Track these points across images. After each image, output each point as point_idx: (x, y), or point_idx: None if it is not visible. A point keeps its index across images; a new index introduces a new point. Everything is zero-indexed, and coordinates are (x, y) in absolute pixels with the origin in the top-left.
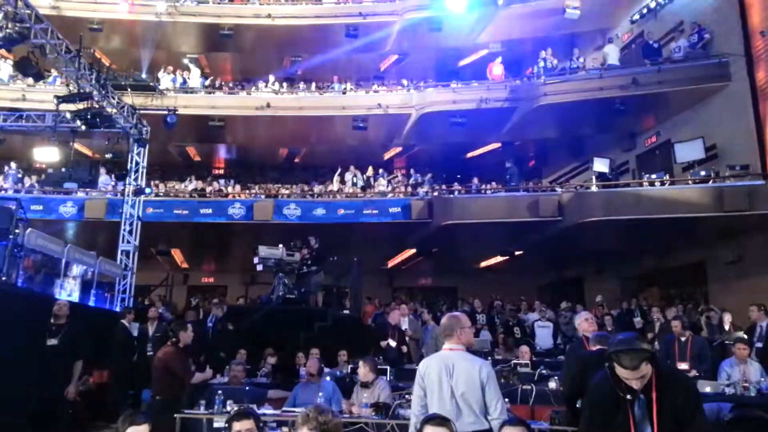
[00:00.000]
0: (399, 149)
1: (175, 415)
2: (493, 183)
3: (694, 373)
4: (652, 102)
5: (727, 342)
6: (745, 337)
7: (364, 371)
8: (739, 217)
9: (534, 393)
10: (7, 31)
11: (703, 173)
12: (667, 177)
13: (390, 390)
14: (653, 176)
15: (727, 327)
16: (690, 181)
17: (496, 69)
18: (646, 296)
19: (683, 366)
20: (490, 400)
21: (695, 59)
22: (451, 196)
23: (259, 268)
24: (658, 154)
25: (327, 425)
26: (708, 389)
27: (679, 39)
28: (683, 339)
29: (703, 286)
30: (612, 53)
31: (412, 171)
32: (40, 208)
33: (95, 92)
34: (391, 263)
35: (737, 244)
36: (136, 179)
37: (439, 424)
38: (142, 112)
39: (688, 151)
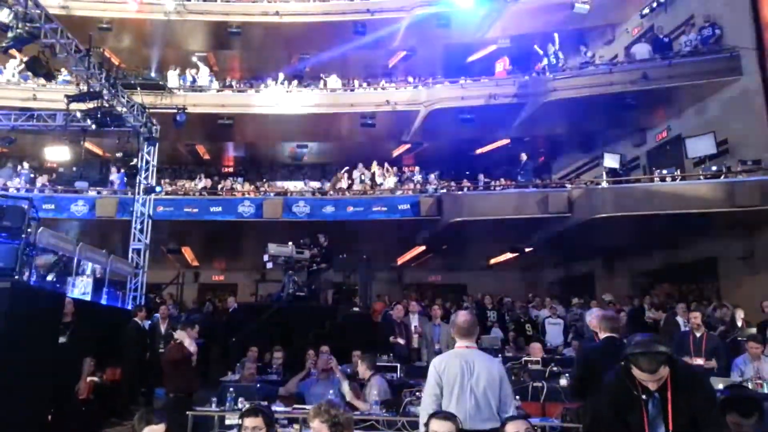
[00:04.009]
0: (408, 146)
1: (187, 412)
2: (502, 179)
3: (711, 364)
4: (663, 96)
5: (739, 338)
6: (758, 334)
7: (362, 369)
8: (750, 213)
9: (545, 390)
10: (18, 30)
11: (714, 168)
12: (678, 172)
13: (385, 387)
14: (664, 171)
15: (739, 323)
16: (701, 177)
17: (499, 67)
18: (658, 292)
19: (698, 361)
20: (506, 397)
21: (706, 53)
22: (460, 192)
23: (269, 265)
24: (669, 150)
25: (338, 418)
26: (721, 386)
27: (690, 33)
28: (698, 335)
29: (715, 282)
30: (640, 51)
31: (417, 169)
32: (52, 207)
33: (105, 91)
34: (400, 260)
35: (749, 239)
36: (146, 178)
37: (445, 419)
38: (151, 110)
39: (699, 146)
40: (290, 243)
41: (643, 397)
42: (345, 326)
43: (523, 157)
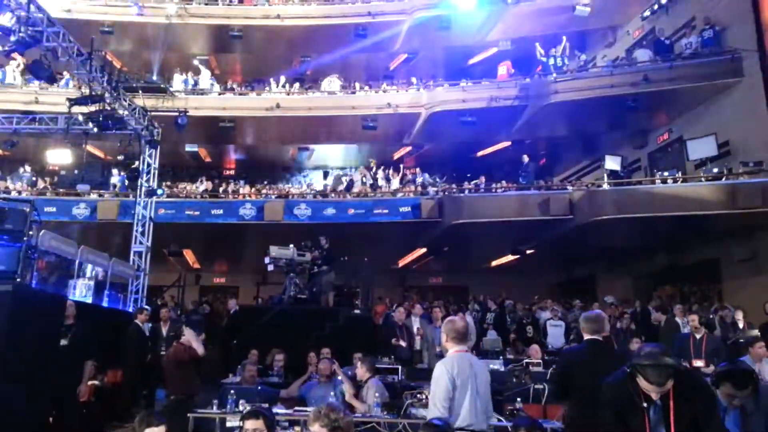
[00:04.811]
0: (409, 148)
1: (188, 415)
2: (504, 182)
3: (712, 368)
4: (664, 99)
5: (741, 340)
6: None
7: (361, 371)
8: (752, 214)
9: (546, 392)
10: (20, 34)
11: (716, 170)
12: (680, 174)
13: (382, 390)
14: (665, 174)
15: (740, 325)
16: (703, 179)
17: (502, 70)
18: (660, 294)
19: (699, 363)
20: (490, 399)
21: (707, 55)
22: (462, 195)
23: (270, 268)
24: (670, 152)
25: (338, 422)
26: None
27: (691, 35)
28: (698, 336)
29: (717, 284)
30: (642, 56)
31: (418, 170)
32: (54, 209)
33: (107, 94)
34: (401, 263)
35: (751, 241)
36: (147, 180)
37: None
38: (153, 113)
39: (700, 148)
40: (291, 245)
41: (644, 404)
42: (346, 328)
43: (525, 159)
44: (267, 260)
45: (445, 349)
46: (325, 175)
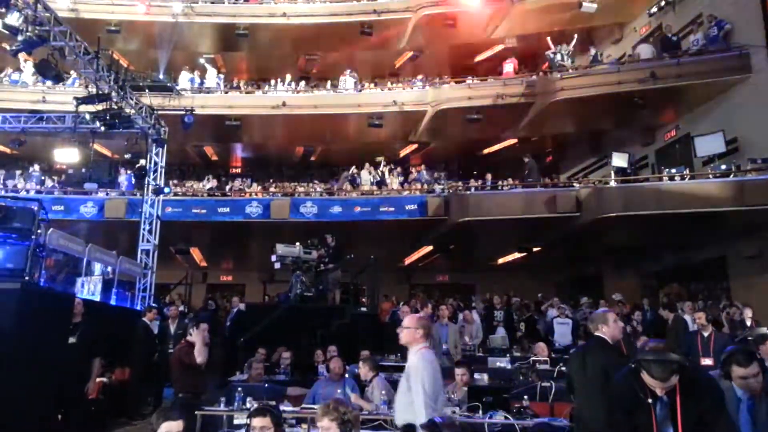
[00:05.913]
0: (415, 146)
1: (196, 412)
2: (510, 179)
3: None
4: (671, 95)
5: (749, 338)
6: None
7: (364, 370)
8: (761, 212)
9: (553, 390)
10: (27, 34)
11: (723, 167)
12: (687, 171)
13: (388, 387)
14: (673, 171)
15: (748, 323)
16: (711, 176)
17: (508, 68)
18: (667, 292)
19: (707, 362)
20: None
21: (715, 51)
22: (468, 193)
23: (277, 266)
24: (677, 148)
25: (347, 416)
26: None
27: (698, 31)
28: (706, 334)
29: (725, 282)
30: (645, 52)
31: (423, 167)
32: (62, 208)
33: (114, 93)
34: (408, 261)
35: (759, 238)
36: (155, 179)
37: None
38: (160, 112)
39: (708, 145)
40: (298, 243)
41: (649, 401)
42: (353, 326)
43: (526, 158)
44: (273, 258)
45: (414, 342)
46: (332, 173)
